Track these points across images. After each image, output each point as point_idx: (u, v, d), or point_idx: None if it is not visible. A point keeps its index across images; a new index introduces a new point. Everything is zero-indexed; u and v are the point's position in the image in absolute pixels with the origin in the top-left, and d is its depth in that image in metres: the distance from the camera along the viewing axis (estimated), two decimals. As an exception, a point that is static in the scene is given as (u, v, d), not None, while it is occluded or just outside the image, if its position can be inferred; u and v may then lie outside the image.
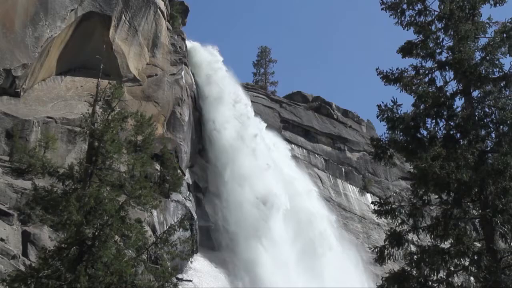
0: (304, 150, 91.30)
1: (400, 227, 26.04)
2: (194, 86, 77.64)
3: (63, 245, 25.35)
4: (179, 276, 56.65)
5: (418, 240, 26.05)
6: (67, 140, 55.97)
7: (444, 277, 24.99)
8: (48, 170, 27.06)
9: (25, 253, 43.11)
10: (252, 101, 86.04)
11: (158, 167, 62.97)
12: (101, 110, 28.07)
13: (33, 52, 56.50)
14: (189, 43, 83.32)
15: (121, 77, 63.78)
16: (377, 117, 27.32)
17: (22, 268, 30.76)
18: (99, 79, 30.27)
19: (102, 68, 33.81)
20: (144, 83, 69.09)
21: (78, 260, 24.83)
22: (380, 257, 26.18)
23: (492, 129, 26.47)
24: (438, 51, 28.06)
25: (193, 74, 78.78)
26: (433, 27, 28.37)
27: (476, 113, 26.61)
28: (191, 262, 58.79)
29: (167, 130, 68.78)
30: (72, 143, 55.65)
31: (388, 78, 28.17)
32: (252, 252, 66.83)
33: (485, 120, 26.52)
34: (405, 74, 27.93)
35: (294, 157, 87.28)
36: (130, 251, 26.46)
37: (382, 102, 27.22)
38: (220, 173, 72.88)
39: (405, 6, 28.81)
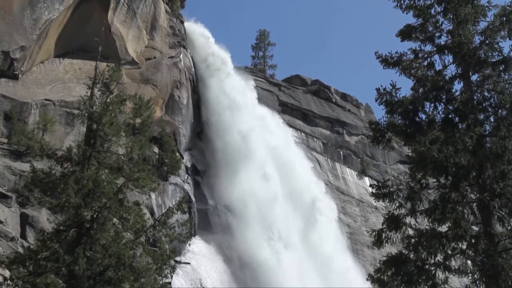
0: (303, 134, 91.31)
1: (398, 210, 26.04)
2: (193, 69, 77.46)
3: (61, 227, 25.38)
4: (177, 258, 56.73)
5: (416, 224, 26.06)
6: (66, 122, 55.98)
7: (442, 260, 25.05)
8: (47, 153, 27.02)
9: (23, 235, 43.23)
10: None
11: (156, 150, 63.03)
12: (99, 92, 28.01)
13: (31, 35, 56.33)
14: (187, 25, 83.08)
15: (119, 59, 63.61)
16: (376, 100, 27.27)
17: (21, 250, 30.77)
18: (98, 62, 30.20)
19: (101, 51, 33.72)
20: (143, 66, 68.97)
21: (77, 242, 24.87)
22: (378, 241, 26.21)
23: (490, 113, 26.43)
24: (437, 34, 27.95)
25: (191, 57, 78.61)
26: (432, 11, 28.21)
27: (475, 97, 26.56)
28: (189, 244, 58.99)
29: (165, 113, 68.77)
30: (71, 126, 55.66)
31: (387, 61, 28.08)
32: (250, 236, 67.00)
33: (483, 104, 26.47)
34: (404, 57, 27.83)
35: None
36: (128, 234, 26.49)
37: (381, 86, 27.16)
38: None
39: (404, -11, 28.66)
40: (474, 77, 27.02)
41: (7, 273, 25.58)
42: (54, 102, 56.45)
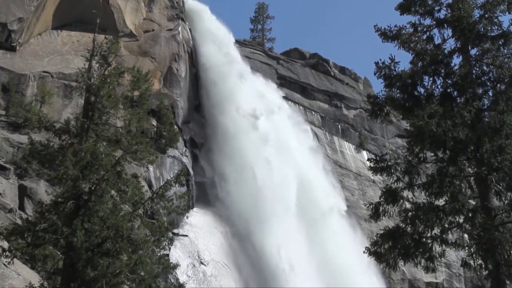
0: (301, 107, 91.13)
1: (395, 184, 26.13)
2: (191, 42, 77.14)
3: (59, 199, 25.42)
4: (175, 231, 56.98)
5: (413, 197, 26.17)
6: (64, 95, 55.86)
7: (439, 234, 25.17)
8: (45, 125, 26.97)
9: (21, 207, 43.34)
10: (249, 58, 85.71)
11: (154, 122, 62.98)
12: (97, 65, 27.90)
13: (28, 6, 56.03)
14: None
15: (117, 32, 63.27)
16: (375, 74, 27.27)
17: (19, 221, 30.84)
18: (96, 34, 30.07)
19: (99, 23, 33.52)
20: (141, 38, 68.70)
21: (75, 214, 24.92)
22: (375, 214, 26.31)
23: (489, 87, 26.45)
24: (436, 8, 27.87)
25: (190, 30, 78.25)
26: (432, -16, 28.12)
27: (474, 71, 26.55)
28: (187, 217, 59.06)
29: (163, 85, 68.64)
30: (69, 98, 55.54)
31: (386, 35, 28.02)
32: (248, 208, 67.11)
33: (482, 78, 26.47)
34: (403, 31, 27.78)
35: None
36: (127, 206, 26.53)
37: (380, 60, 27.17)
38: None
39: (404, -38, 28.51)
40: (473, 51, 27.02)
41: (5, 244, 25.67)
42: (52, 74, 56.30)
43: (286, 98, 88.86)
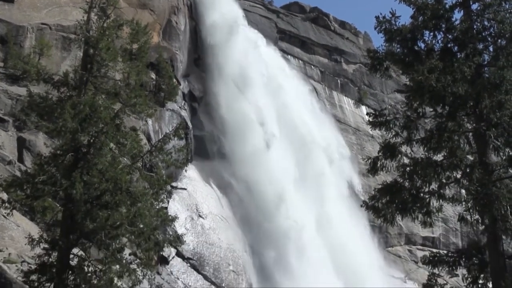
0: (300, 61, 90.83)
1: (394, 139, 26.12)
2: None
3: (58, 151, 25.45)
4: (174, 184, 57.33)
5: (412, 152, 26.20)
6: (62, 47, 55.64)
7: (436, 189, 25.26)
8: (43, 77, 26.85)
9: (20, 159, 43.47)
10: (248, 11, 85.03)
11: (153, 76, 62.87)
12: (96, 17, 27.68)
13: (26, -44, 55.52)
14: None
15: (116, -17, 62.64)
16: (375, 28, 27.06)
17: (18, 173, 30.94)
18: (94, -15, 29.78)
19: (97, -26, 33.18)
20: (140, -10, 68.14)
21: (74, 167, 24.97)
22: (373, 168, 26.34)
23: (490, 42, 26.29)
24: (438, -39, 27.56)
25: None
26: None
27: (475, 26, 26.36)
28: (185, 170, 59.22)
29: (162, 38, 68.35)
30: (67, 50, 55.35)
31: (387, -12, 27.75)
32: (246, 162, 67.33)
33: (483, 34, 26.29)
34: (405, -15, 27.49)
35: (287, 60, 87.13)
36: (125, 159, 26.58)
37: (380, 14, 26.93)
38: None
39: None
40: (474, 6, 26.77)
41: (5, 196, 25.76)
42: (50, 26, 55.99)
43: (285, 52, 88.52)
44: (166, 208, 46.45)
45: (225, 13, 76.29)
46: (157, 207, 27.03)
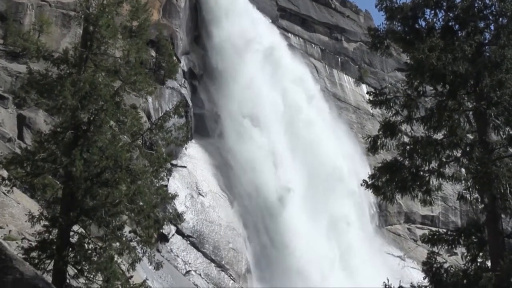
0: (301, 39, 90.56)
1: (394, 117, 26.08)
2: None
3: (58, 129, 25.46)
4: (174, 162, 57.39)
5: (412, 131, 26.17)
6: (62, 24, 55.49)
7: (436, 167, 25.27)
8: (43, 54, 26.77)
9: (20, 136, 43.51)
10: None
11: (153, 53, 62.74)
12: (95, -6, 27.60)
13: None
14: None
15: (116, -40, 62.34)
16: (376, 6, 26.96)
17: (18, 151, 30.95)
18: (94, -38, 29.62)
19: (97, -50, 32.99)
20: (140, -33, 67.70)
21: (74, 144, 24.99)
22: (373, 147, 26.33)
23: (491, 21, 26.16)
24: None
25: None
26: None
27: (476, 4, 26.21)
28: (185, 148, 59.31)
29: (163, 16, 68.08)
30: (67, 28, 55.20)
31: (389, -34, 27.60)
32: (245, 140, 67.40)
33: (484, 12, 26.15)
34: (406, -38, 27.36)
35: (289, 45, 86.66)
36: (125, 137, 26.58)
37: (382, -8, 26.81)
38: None
39: None
40: (475, -16, 26.64)
41: (5, 173, 25.81)
42: (50, 3, 55.82)
43: (285, 30, 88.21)
44: (166, 186, 46.61)
45: None
46: (157, 185, 27.11)
